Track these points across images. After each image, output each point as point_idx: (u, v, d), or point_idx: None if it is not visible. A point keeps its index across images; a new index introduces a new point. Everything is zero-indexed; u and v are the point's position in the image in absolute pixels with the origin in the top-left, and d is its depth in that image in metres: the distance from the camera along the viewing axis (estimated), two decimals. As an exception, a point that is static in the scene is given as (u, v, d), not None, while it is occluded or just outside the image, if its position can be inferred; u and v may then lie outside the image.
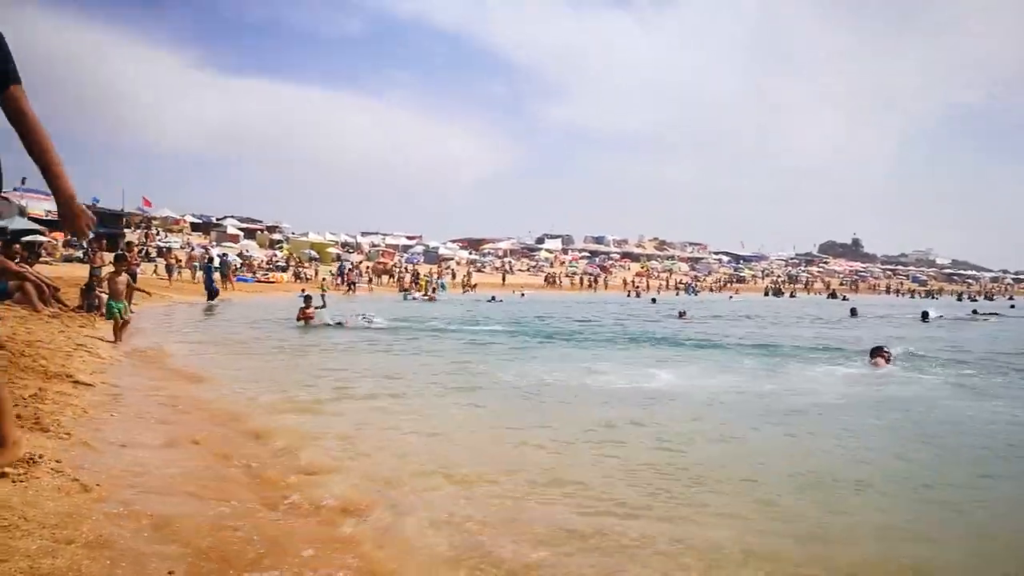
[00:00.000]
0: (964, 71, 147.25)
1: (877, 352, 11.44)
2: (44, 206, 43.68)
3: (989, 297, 68.48)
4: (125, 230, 46.61)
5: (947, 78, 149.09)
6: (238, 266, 43.74)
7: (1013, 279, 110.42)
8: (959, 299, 60.68)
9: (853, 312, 28.82)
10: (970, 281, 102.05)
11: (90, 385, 6.50)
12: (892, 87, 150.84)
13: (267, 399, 7.15)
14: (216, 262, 29.74)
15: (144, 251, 39.04)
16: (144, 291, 15.04)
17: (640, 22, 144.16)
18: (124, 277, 11.08)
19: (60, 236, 40.11)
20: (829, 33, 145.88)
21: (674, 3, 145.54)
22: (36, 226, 39.42)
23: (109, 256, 22.30)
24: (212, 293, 23.73)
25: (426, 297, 35.06)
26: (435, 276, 47.75)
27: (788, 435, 6.21)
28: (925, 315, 26.61)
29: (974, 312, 31.57)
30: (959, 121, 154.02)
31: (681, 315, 24.50)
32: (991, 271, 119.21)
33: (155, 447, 4.72)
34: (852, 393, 8.63)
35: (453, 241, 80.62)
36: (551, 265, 73.50)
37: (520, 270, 69.40)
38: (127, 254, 16.11)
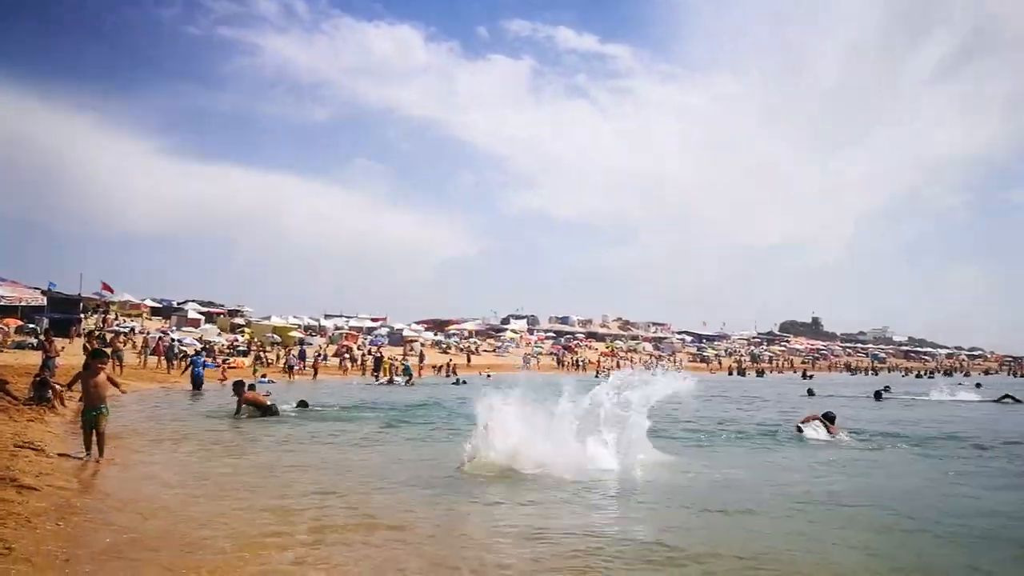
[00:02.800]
0: (910, 159, 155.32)
1: (828, 418, 13.39)
2: (-3, 291, 42.69)
3: (948, 373, 70.29)
4: (82, 315, 45.58)
5: (895, 165, 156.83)
6: (198, 350, 42.84)
7: (967, 355, 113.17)
8: (918, 376, 62.67)
9: (810, 392, 28.99)
10: (926, 359, 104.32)
11: (35, 489, 6.22)
12: (843, 173, 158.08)
13: (227, 520, 6.80)
14: (203, 356, 29.71)
15: (101, 336, 38.00)
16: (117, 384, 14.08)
17: (600, 112, 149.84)
18: (102, 377, 8.98)
19: (12, 322, 39.10)
20: (776, 124, 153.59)
21: (631, 95, 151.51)
22: (-13, 312, 38.42)
23: (63, 343, 21.74)
24: (198, 383, 23.51)
25: (408, 383, 34.28)
26: (405, 360, 47.29)
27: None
28: (878, 394, 26.96)
29: (886, 388, 31.60)
30: (907, 204, 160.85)
31: None
32: (947, 348, 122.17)
33: (103, 561, 4.49)
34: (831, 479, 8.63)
35: (418, 323, 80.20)
36: (516, 345, 73.38)
37: (485, 351, 69.12)
38: (100, 348, 13.92)
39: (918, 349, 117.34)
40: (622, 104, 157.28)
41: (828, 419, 13.42)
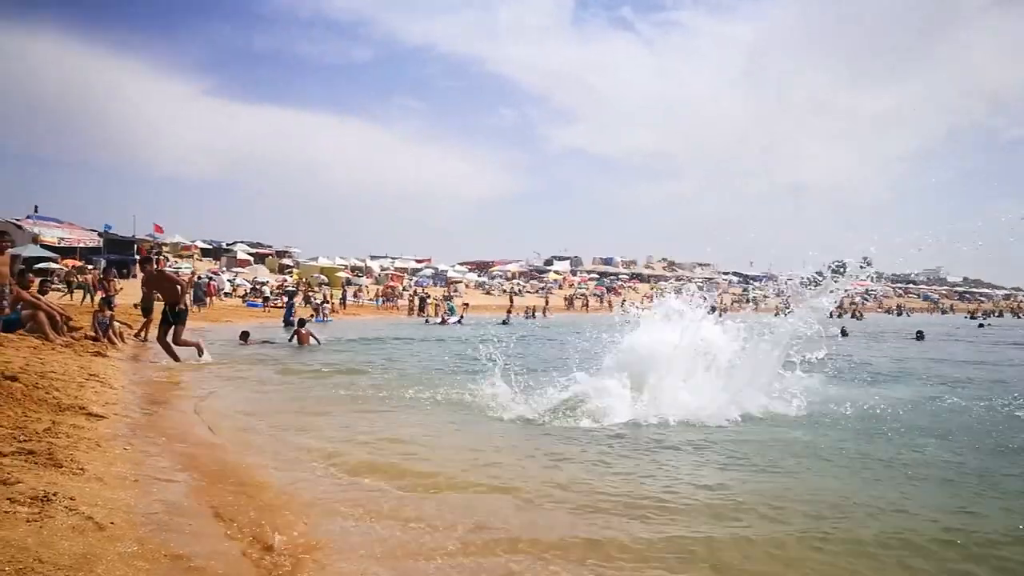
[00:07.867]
0: (966, 94, 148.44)
1: None
2: (56, 233, 44.19)
3: (1000, 315, 68.64)
4: (136, 256, 47.02)
5: (949, 101, 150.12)
6: (248, 290, 44.10)
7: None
8: (972, 317, 61.20)
9: (919, 336, 26.54)
10: (982, 299, 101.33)
11: (103, 417, 6.50)
12: (894, 109, 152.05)
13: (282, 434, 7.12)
14: (299, 298, 32.26)
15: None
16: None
17: (645, 44, 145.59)
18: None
19: (71, 263, 40.47)
20: (827, 57, 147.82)
21: (678, 26, 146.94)
22: (49, 254, 39.84)
23: (121, 283, 22.50)
24: (289, 322, 24.76)
25: (457, 322, 34.92)
26: (451, 301, 47.98)
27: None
28: (920, 335, 26.37)
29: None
30: (962, 141, 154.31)
31: None
32: (1004, 288, 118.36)
33: (168, 481, 4.70)
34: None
35: (462, 264, 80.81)
36: (560, 287, 73.49)
37: (529, 292, 69.39)
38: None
39: (973, 290, 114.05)
40: (668, 37, 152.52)
41: None
